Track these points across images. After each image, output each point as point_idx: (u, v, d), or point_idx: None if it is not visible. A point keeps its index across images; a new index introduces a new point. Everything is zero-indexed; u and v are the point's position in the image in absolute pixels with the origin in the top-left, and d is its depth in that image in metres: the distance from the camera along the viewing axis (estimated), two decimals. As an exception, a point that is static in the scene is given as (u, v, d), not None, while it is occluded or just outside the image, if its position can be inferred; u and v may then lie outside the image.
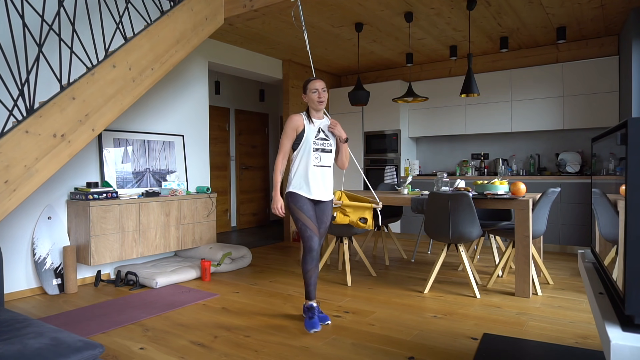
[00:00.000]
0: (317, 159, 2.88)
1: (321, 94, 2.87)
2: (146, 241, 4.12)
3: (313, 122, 2.92)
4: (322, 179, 2.91)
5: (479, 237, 3.99)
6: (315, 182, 2.87)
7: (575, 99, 5.29)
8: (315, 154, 2.88)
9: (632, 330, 1.18)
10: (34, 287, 3.72)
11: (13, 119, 3.43)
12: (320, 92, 2.87)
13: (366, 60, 6.45)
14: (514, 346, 2.50)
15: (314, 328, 2.79)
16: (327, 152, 2.93)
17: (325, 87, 2.91)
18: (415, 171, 6.05)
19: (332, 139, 2.96)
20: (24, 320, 1.86)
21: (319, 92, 2.87)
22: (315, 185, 2.87)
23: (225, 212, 7.30)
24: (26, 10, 3.51)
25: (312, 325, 2.80)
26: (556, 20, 4.75)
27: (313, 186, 2.87)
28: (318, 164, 2.88)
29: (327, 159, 2.93)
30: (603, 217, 1.75)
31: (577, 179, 5.05)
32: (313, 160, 2.87)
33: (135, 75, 3.28)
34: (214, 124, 7.08)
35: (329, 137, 2.95)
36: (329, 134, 2.95)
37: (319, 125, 2.93)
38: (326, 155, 2.92)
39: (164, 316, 3.12)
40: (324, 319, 2.93)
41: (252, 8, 3.82)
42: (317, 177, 2.88)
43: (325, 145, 2.92)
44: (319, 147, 2.89)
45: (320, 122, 2.95)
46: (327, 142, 2.93)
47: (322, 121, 2.96)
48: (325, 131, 2.94)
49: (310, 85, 2.89)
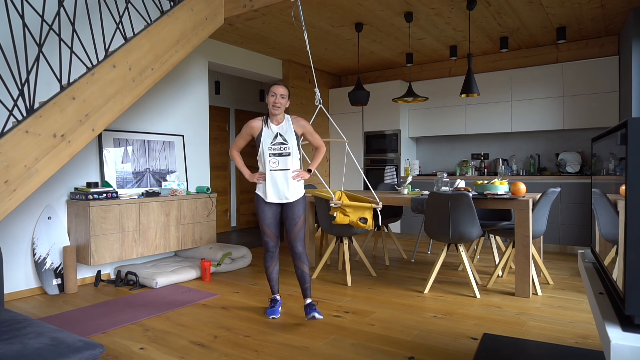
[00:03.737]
0: (275, 163, 2.96)
1: (278, 99, 2.92)
2: (146, 241, 4.12)
3: (270, 127, 2.98)
4: (282, 183, 2.97)
5: (479, 237, 3.99)
6: (272, 186, 2.98)
7: (575, 99, 5.29)
8: (272, 159, 2.96)
9: (632, 330, 1.18)
10: (34, 287, 3.72)
11: (13, 119, 3.43)
12: (278, 97, 2.92)
13: (366, 60, 6.45)
14: (514, 346, 2.50)
15: (272, 315, 3.08)
16: (285, 155, 2.97)
17: (286, 95, 2.95)
18: (415, 171, 6.05)
19: (290, 142, 2.98)
20: (24, 320, 1.86)
21: (277, 97, 2.92)
22: (271, 189, 2.99)
23: (225, 212, 7.30)
24: (26, 10, 3.51)
25: (271, 312, 3.09)
26: (556, 20, 4.75)
27: (269, 190, 2.99)
28: (275, 168, 2.96)
29: (286, 162, 2.97)
30: (603, 217, 1.75)
31: (577, 179, 5.05)
32: (270, 164, 2.97)
33: (135, 75, 3.28)
34: (214, 124, 7.08)
35: (287, 140, 2.98)
36: (288, 138, 2.98)
37: (278, 130, 2.98)
38: (284, 159, 2.97)
39: (164, 316, 3.12)
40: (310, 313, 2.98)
41: (252, 8, 3.82)
42: (274, 182, 2.97)
43: (282, 150, 2.97)
44: (276, 152, 2.96)
45: (279, 127, 2.99)
46: (284, 146, 2.97)
47: (282, 125, 3.00)
48: (284, 135, 2.98)
49: (271, 88, 2.95)
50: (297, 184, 3.03)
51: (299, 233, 3.03)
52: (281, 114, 3.00)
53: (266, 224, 3.04)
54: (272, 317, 3.07)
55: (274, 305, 3.14)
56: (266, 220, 3.04)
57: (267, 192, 3.00)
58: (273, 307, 3.13)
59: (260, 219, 3.05)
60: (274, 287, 3.18)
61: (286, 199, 3.00)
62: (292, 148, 2.98)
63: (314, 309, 2.90)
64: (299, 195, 3.05)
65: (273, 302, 3.18)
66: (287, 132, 2.99)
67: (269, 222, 3.05)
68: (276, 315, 3.08)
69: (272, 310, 3.10)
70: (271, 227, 3.06)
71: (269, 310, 3.12)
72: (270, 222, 3.05)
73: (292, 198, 3.01)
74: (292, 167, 3.00)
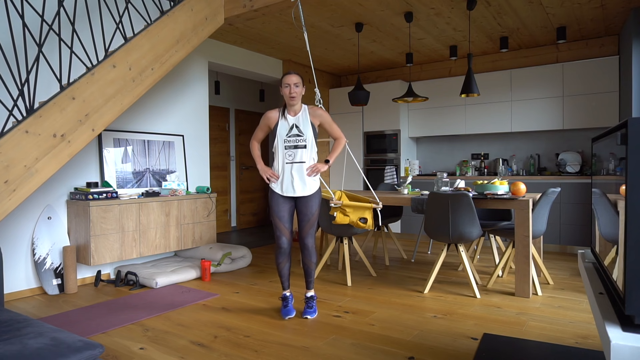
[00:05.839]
0: (291, 156, 2.89)
1: (292, 89, 2.85)
2: (146, 241, 4.12)
3: (287, 118, 2.91)
4: (297, 176, 2.90)
5: (479, 237, 3.99)
6: (287, 179, 2.92)
7: (575, 99, 5.29)
8: (288, 151, 2.89)
9: (632, 330, 1.18)
10: (34, 287, 3.72)
11: (13, 119, 3.43)
12: (292, 87, 2.85)
13: (366, 60, 6.45)
14: (514, 346, 2.50)
15: (288, 315, 3.01)
16: (301, 148, 2.90)
17: (300, 83, 2.87)
18: (415, 171, 6.05)
19: (306, 133, 2.90)
20: (23, 320, 1.86)
21: (291, 87, 2.85)
22: (287, 182, 2.92)
23: (225, 212, 7.30)
24: (26, 10, 3.51)
25: (285, 313, 3.03)
26: (556, 20, 4.75)
27: (285, 183, 2.92)
28: (291, 161, 2.89)
29: (302, 155, 2.90)
30: (603, 217, 1.75)
31: (577, 179, 5.05)
32: (286, 157, 2.90)
33: (135, 75, 3.28)
34: (214, 124, 7.08)
35: (303, 132, 2.90)
36: (304, 129, 2.90)
37: (294, 121, 2.91)
38: (300, 152, 2.90)
39: (164, 316, 3.12)
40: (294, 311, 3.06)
41: (252, 8, 3.82)
42: (289, 175, 2.90)
43: (298, 142, 2.89)
44: (292, 144, 2.89)
45: (295, 118, 2.92)
46: (300, 138, 2.90)
47: (298, 116, 2.93)
48: (300, 127, 2.91)
49: (284, 80, 2.88)
50: (311, 180, 2.95)
51: (311, 228, 2.97)
52: (298, 103, 2.93)
53: (279, 217, 2.94)
54: (288, 318, 3.01)
55: (287, 305, 3.07)
56: (279, 214, 2.94)
57: (282, 186, 2.92)
58: (286, 306, 3.07)
59: (273, 213, 2.96)
60: (285, 282, 3.10)
61: (302, 193, 2.93)
62: (308, 140, 2.90)
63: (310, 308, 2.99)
64: (315, 188, 2.97)
65: (284, 300, 3.10)
66: (303, 124, 2.91)
67: (282, 215, 2.95)
68: (291, 314, 3.02)
69: (286, 311, 3.03)
70: (284, 221, 2.95)
71: (283, 311, 3.05)
72: (283, 215, 2.95)
73: (308, 192, 2.94)
74: (309, 160, 2.91)
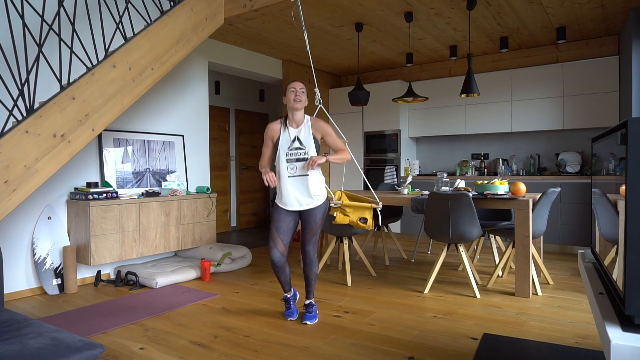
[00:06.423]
0: (292, 169, 2.84)
1: (298, 94, 2.82)
2: (146, 241, 4.12)
3: (288, 130, 2.87)
4: (300, 189, 2.85)
5: (479, 237, 3.99)
6: (289, 193, 2.85)
7: (575, 99, 5.29)
8: (290, 165, 2.83)
9: (632, 330, 1.18)
10: (34, 287, 3.72)
11: (13, 119, 3.43)
12: (298, 91, 2.83)
13: (366, 60, 6.45)
14: (514, 346, 2.50)
15: (290, 317, 3.02)
16: (303, 161, 2.84)
17: (305, 90, 2.87)
18: (415, 171, 6.05)
19: (308, 146, 2.84)
20: (23, 320, 1.86)
21: (296, 91, 2.83)
22: (288, 196, 2.85)
23: (225, 212, 7.30)
24: (26, 10, 3.51)
25: (289, 315, 3.04)
26: (556, 20, 4.75)
27: (285, 197, 2.87)
28: (293, 175, 2.84)
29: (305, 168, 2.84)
30: (603, 217, 1.75)
31: (577, 179, 5.05)
32: (288, 171, 2.84)
33: (135, 75, 3.28)
34: (214, 124, 7.08)
35: (305, 145, 2.84)
36: (306, 142, 2.85)
37: (296, 133, 2.86)
38: (302, 165, 2.84)
39: (164, 316, 3.12)
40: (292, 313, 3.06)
41: (252, 8, 3.82)
42: (291, 188, 2.85)
43: (300, 155, 2.84)
44: (293, 157, 2.83)
45: (297, 130, 2.87)
46: (302, 151, 2.83)
47: (300, 128, 2.88)
48: (301, 139, 2.85)
49: (289, 86, 2.86)
50: (318, 188, 2.88)
51: (313, 236, 2.91)
52: (301, 111, 2.88)
53: (276, 227, 2.86)
54: (291, 319, 3.00)
55: (289, 307, 3.05)
56: (277, 224, 2.86)
57: (285, 200, 2.86)
58: (289, 308, 3.05)
59: (272, 221, 2.89)
60: (285, 286, 3.04)
61: (308, 205, 2.87)
62: (310, 153, 2.83)
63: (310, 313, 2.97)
64: (321, 200, 2.89)
65: (287, 302, 3.07)
66: (305, 136, 2.85)
67: (279, 226, 2.86)
68: (294, 316, 3.01)
69: (289, 313, 3.03)
70: (280, 232, 2.86)
71: (286, 312, 3.05)
72: (281, 226, 2.86)
73: (314, 204, 2.87)
74: (311, 173, 2.84)
